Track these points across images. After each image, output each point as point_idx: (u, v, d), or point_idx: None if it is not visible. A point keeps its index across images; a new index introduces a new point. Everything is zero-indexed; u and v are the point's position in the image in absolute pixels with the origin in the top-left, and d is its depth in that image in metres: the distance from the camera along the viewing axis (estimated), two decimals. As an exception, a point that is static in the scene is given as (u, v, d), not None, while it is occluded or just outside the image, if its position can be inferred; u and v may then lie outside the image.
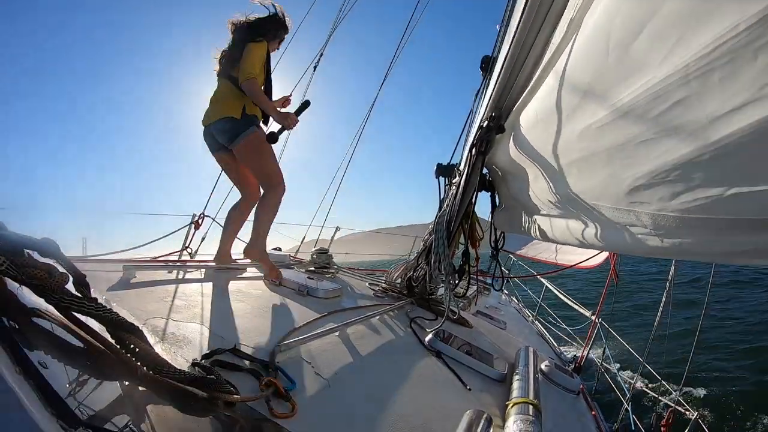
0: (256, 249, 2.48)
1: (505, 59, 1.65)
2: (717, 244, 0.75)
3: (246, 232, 2.67)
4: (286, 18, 2.66)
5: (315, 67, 4.41)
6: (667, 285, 3.06)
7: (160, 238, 3.01)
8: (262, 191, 2.60)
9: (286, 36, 2.76)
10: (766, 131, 0.55)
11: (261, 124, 2.60)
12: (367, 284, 2.98)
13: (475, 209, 2.39)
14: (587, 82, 0.99)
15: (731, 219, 0.68)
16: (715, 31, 0.57)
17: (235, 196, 2.84)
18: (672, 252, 0.89)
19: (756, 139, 0.57)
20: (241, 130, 2.44)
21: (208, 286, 1.98)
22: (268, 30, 2.57)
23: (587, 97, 1.00)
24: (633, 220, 0.95)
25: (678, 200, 0.77)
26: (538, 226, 1.70)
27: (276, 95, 2.73)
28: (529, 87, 1.52)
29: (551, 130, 1.22)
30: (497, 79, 1.77)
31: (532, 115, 1.41)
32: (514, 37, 1.55)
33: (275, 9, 2.61)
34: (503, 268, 2.65)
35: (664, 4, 0.67)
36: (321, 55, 4.47)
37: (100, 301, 0.77)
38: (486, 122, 1.89)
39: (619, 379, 3.46)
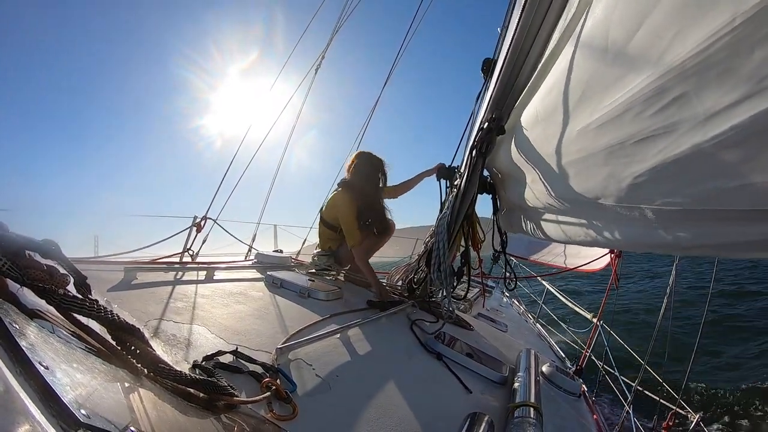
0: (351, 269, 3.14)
1: (504, 60, 1.65)
2: (722, 235, 0.75)
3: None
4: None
5: (317, 70, 4.42)
6: (669, 288, 3.06)
7: (161, 241, 3.00)
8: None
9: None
10: (765, 125, 0.55)
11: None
12: (367, 286, 2.98)
13: (477, 212, 2.39)
14: (586, 80, 1.00)
15: (735, 210, 0.68)
16: (711, 26, 0.57)
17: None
18: (677, 246, 0.89)
19: (755, 132, 0.57)
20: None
21: (209, 288, 1.98)
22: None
23: (586, 96, 1.00)
24: (636, 216, 0.95)
25: (680, 194, 0.77)
26: (539, 226, 1.70)
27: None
28: (528, 86, 1.52)
29: (551, 131, 1.22)
30: (497, 79, 1.77)
31: (533, 115, 1.41)
32: (513, 37, 1.55)
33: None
34: (505, 271, 2.64)
35: (661, 0, 0.68)
36: (323, 58, 4.48)
37: (101, 302, 0.77)
38: (486, 123, 1.88)
39: (620, 381, 3.45)
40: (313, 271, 3.01)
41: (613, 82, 0.86)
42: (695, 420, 2.72)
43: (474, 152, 2.00)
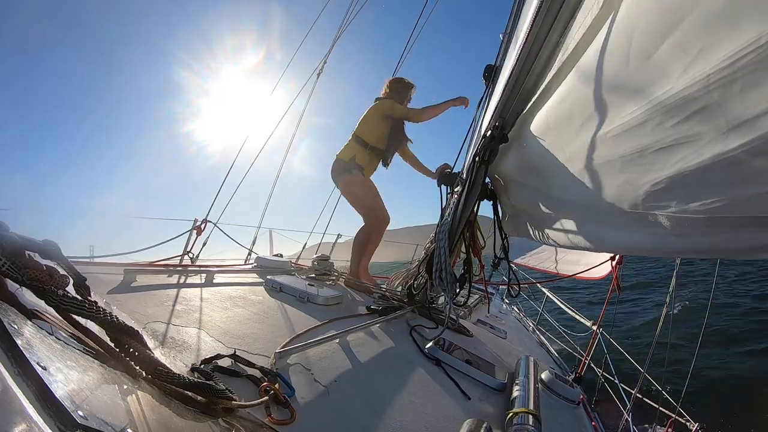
0: (351, 274, 3.26)
1: (512, 69, 1.64)
2: (736, 241, 0.75)
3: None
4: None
5: (318, 74, 4.44)
6: (668, 296, 3.06)
7: (161, 243, 3.01)
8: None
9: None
10: None
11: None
12: (367, 292, 2.97)
13: (478, 218, 2.38)
14: (605, 90, 0.99)
15: (752, 217, 0.69)
16: (737, 42, 0.58)
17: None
18: (690, 251, 0.90)
19: None
20: (342, 172, 3.28)
21: (209, 291, 1.98)
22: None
23: (604, 105, 1.00)
24: (650, 222, 0.95)
25: (697, 202, 0.77)
26: (546, 232, 1.69)
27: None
28: (537, 93, 1.51)
29: (565, 138, 1.21)
30: (503, 88, 1.77)
31: (544, 122, 1.40)
32: (522, 43, 1.54)
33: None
34: (509, 278, 2.63)
35: (687, 15, 0.68)
36: (325, 63, 4.49)
37: (100, 304, 0.77)
38: (490, 131, 1.88)
39: (619, 389, 3.43)
40: (313, 275, 3.01)
41: (635, 92, 0.86)
42: (695, 429, 2.71)
43: (477, 159, 2.00)
